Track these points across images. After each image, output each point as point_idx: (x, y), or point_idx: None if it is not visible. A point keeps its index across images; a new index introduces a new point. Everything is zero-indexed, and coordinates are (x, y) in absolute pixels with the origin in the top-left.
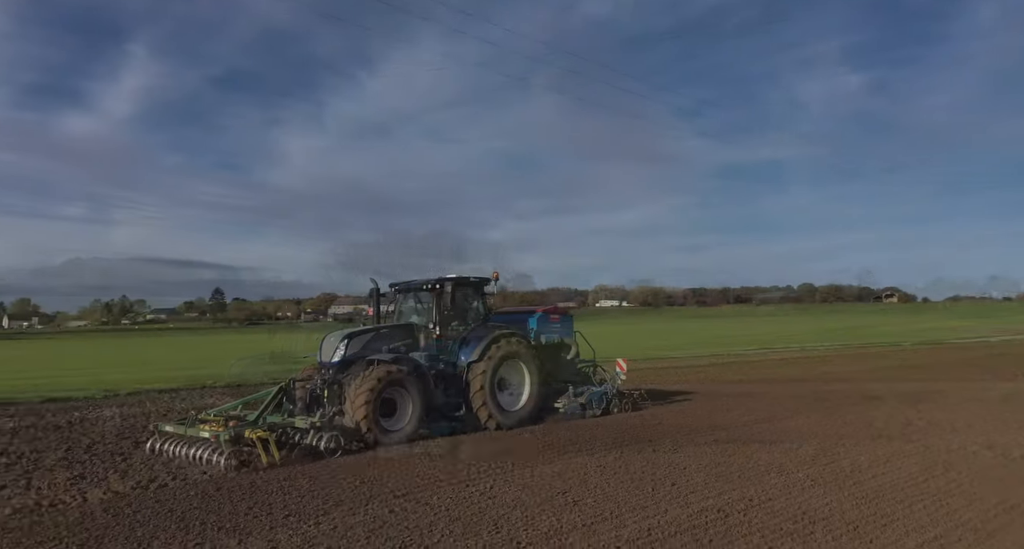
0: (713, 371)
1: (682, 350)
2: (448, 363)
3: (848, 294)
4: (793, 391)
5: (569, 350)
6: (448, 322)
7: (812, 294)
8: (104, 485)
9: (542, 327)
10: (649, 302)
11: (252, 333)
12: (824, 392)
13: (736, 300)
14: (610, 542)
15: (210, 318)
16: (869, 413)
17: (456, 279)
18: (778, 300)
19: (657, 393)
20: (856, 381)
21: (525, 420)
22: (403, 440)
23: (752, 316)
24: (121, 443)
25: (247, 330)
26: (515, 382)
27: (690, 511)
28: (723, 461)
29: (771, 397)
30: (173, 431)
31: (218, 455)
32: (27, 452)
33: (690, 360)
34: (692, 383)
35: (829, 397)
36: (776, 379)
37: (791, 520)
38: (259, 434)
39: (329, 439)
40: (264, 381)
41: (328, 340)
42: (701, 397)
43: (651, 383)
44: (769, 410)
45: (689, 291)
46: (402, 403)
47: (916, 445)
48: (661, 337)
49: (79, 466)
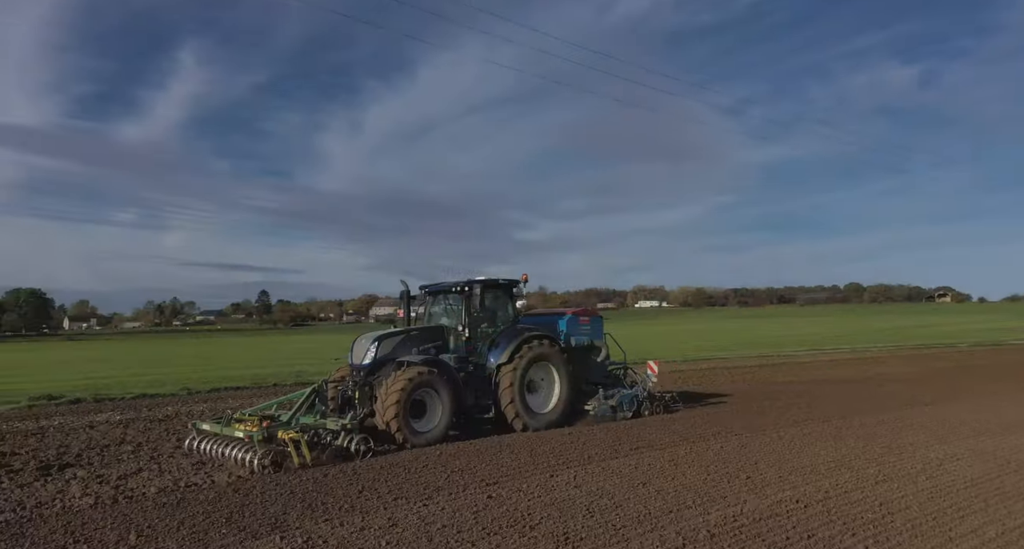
0: (764, 372)
1: (728, 351)
2: (477, 365)
3: (898, 294)
4: (849, 392)
5: (599, 352)
6: (477, 324)
7: (859, 294)
8: (225, 470)
9: (572, 329)
10: (690, 302)
11: (298, 334)
12: (881, 393)
13: (780, 300)
14: (699, 526)
15: (256, 320)
16: (931, 413)
17: (485, 281)
18: (824, 300)
19: (711, 393)
20: (913, 382)
21: (554, 422)
22: (433, 442)
23: (797, 316)
24: None
25: (292, 331)
26: (544, 384)
27: (769, 502)
28: (791, 457)
29: (827, 397)
30: (209, 430)
31: (251, 455)
32: (144, 441)
33: (737, 361)
34: (745, 383)
35: (887, 398)
36: (829, 380)
37: (870, 510)
38: (291, 435)
39: (360, 441)
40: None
41: (359, 342)
42: (756, 396)
43: (701, 384)
44: (827, 409)
45: (731, 291)
46: (432, 405)
47: (985, 444)
48: (705, 337)
49: (195, 454)
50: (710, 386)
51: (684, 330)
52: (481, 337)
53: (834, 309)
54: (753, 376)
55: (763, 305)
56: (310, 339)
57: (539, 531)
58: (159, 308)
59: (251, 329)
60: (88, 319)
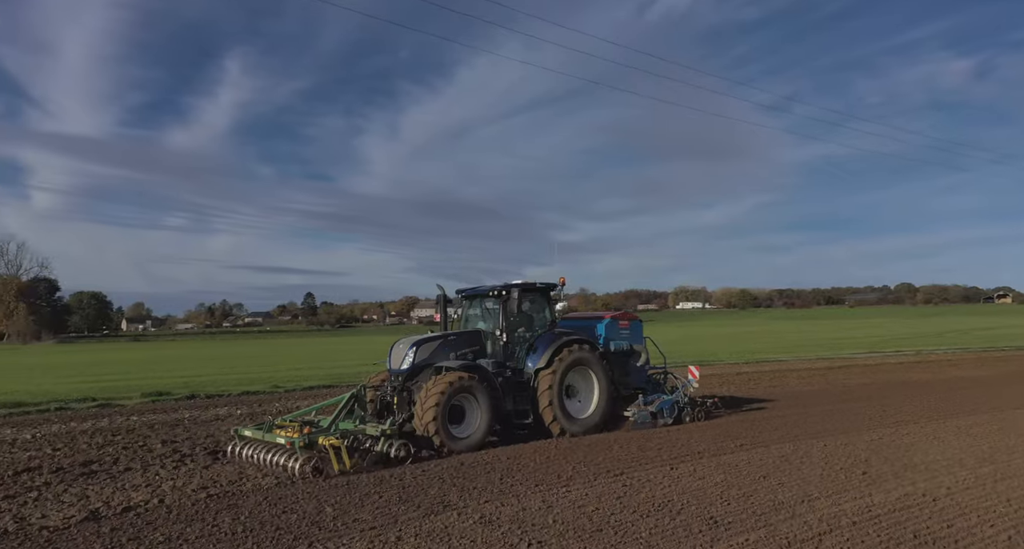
0: (834, 374)
1: (788, 353)
2: (515, 370)
3: (953, 294)
4: (930, 393)
5: (639, 357)
6: (515, 328)
7: (912, 294)
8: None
9: (611, 333)
10: (734, 304)
11: (346, 335)
12: (965, 396)
13: (828, 301)
14: (837, 514)
15: (302, 321)
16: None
17: (522, 285)
18: (874, 301)
19: (789, 395)
20: (991, 385)
21: (593, 428)
22: (472, 447)
23: (849, 317)
24: None
25: (340, 332)
26: (583, 389)
27: (895, 495)
28: (900, 456)
29: (912, 399)
30: (251, 436)
31: (293, 461)
32: None
33: (800, 363)
34: (819, 385)
35: (972, 400)
36: (907, 382)
37: (999, 505)
38: (332, 441)
39: (399, 447)
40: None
41: (396, 347)
42: (836, 398)
43: (775, 386)
44: (916, 411)
45: (775, 292)
46: (470, 410)
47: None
48: (760, 339)
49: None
50: (784, 388)
51: (736, 332)
52: (519, 341)
53: (886, 310)
54: (824, 378)
55: (811, 306)
56: (362, 340)
57: (686, 514)
58: (210, 310)
59: (300, 330)
60: (143, 321)
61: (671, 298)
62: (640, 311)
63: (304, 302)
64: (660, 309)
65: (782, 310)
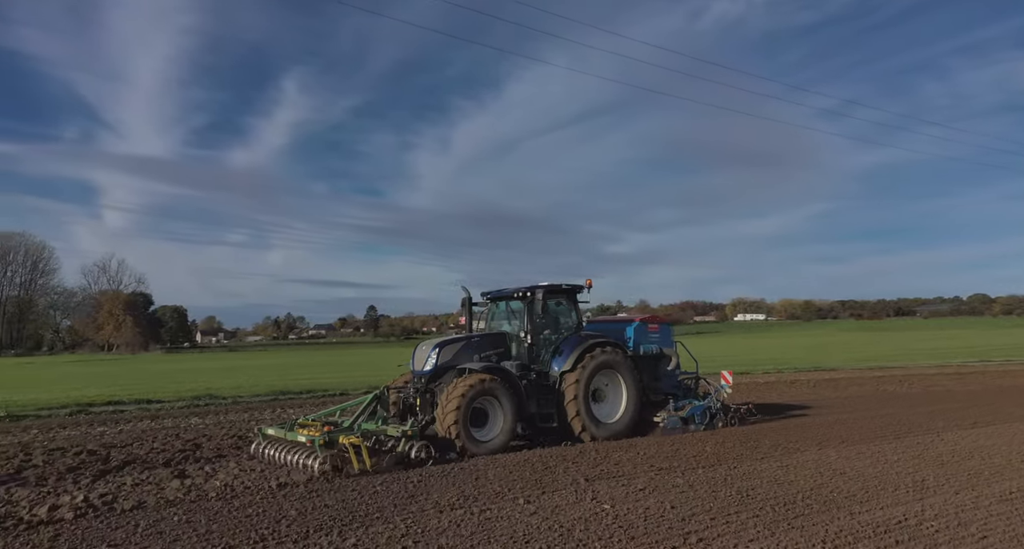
0: (944, 380)
1: (891, 360)
2: (540, 373)
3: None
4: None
5: (669, 361)
6: (540, 331)
7: (988, 305)
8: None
9: (640, 337)
10: (798, 315)
11: (413, 345)
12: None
13: (897, 313)
14: (1003, 491)
15: (364, 333)
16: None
17: (547, 287)
18: (947, 312)
19: (908, 396)
20: None
21: (622, 433)
22: (495, 450)
23: (927, 329)
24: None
25: (408, 343)
26: (611, 393)
27: None
28: None
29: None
30: (274, 434)
31: (312, 459)
32: None
33: (904, 370)
34: (954, 386)
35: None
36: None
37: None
38: (352, 440)
39: (420, 448)
40: None
41: (420, 349)
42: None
43: (928, 388)
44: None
45: (838, 303)
46: (493, 413)
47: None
48: (853, 350)
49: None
50: (909, 390)
51: (816, 343)
52: (544, 344)
53: (963, 322)
54: (961, 382)
55: (880, 318)
56: None
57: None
58: (276, 323)
59: (368, 342)
60: (216, 333)
61: (728, 310)
62: (697, 323)
63: (367, 315)
64: (718, 320)
65: (851, 322)
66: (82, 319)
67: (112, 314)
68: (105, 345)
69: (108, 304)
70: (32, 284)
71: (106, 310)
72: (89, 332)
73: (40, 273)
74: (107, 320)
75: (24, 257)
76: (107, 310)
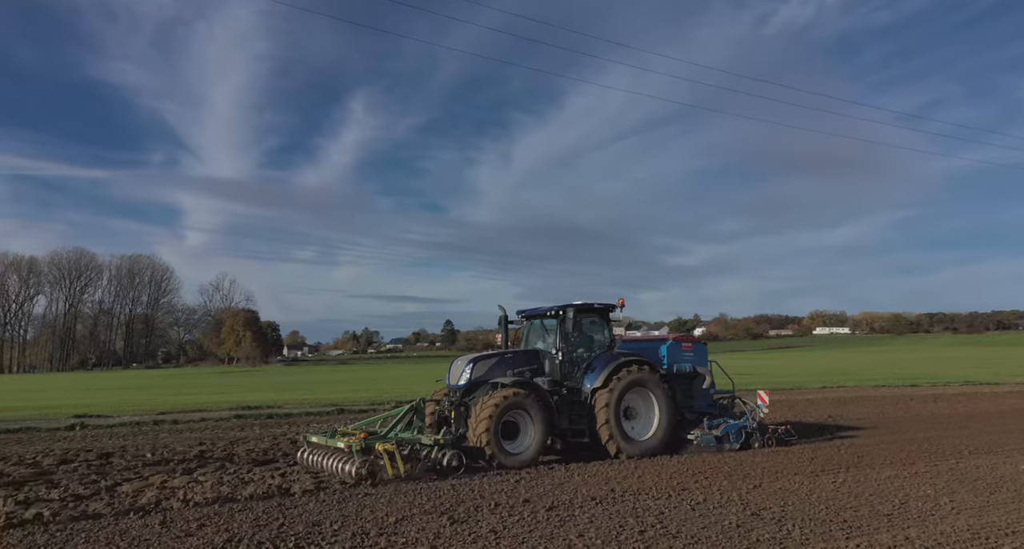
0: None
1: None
2: (572, 389)
3: None
4: None
5: (703, 380)
6: (572, 348)
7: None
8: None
9: (674, 356)
10: (887, 329)
11: None
12: None
13: (998, 326)
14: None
15: (441, 347)
16: None
17: (579, 305)
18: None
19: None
20: None
21: (653, 450)
22: (525, 463)
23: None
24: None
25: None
26: (643, 411)
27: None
28: None
29: None
30: (317, 442)
31: (349, 464)
32: None
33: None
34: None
35: None
36: None
37: None
38: (386, 447)
39: (451, 457)
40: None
41: (455, 364)
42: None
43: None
44: None
45: (924, 316)
46: (524, 426)
47: None
48: (990, 364)
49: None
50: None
51: (936, 357)
52: (577, 361)
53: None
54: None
55: (981, 332)
56: None
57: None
58: (355, 337)
59: (449, 355)
60: (300, 347)
61: (805, 323)
62: (773, 337)
63: (444, 328)
64: (796, 334)
65: (949, 336)
66: (207, 334)
67: (233, 330)
68: (226, 358)
69: (229, 320)
70: (156, 303)
71: (228, 326)
72: (212, 346)
73: (163, 292)
74: (228, 335)
75: (150, 278)
76: (228, 326)
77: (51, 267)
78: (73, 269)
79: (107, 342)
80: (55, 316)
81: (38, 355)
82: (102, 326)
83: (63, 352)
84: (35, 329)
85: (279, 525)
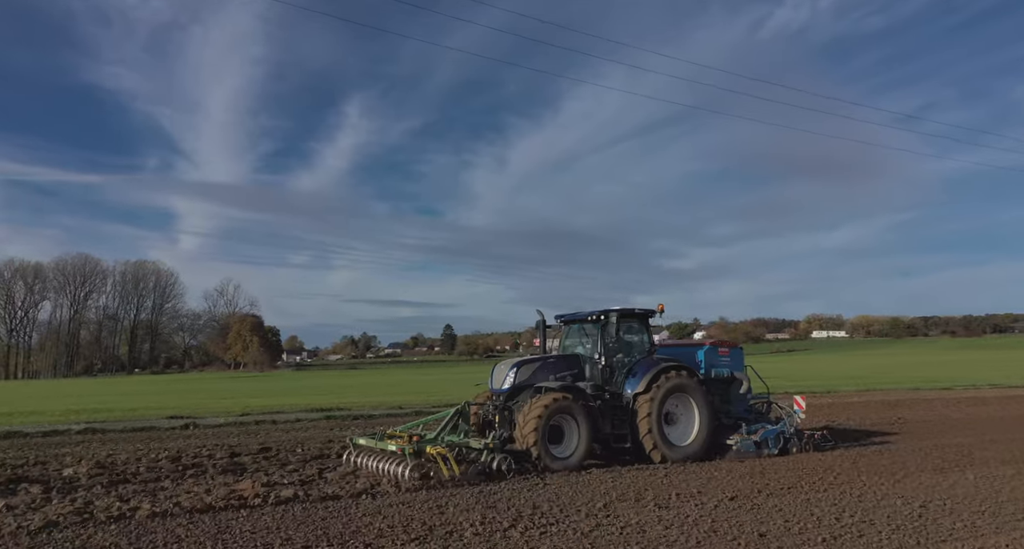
0: None
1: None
2: (614, 394)
3: None
4: None
5: (740, 385)
6: (613, 353)
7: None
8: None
9: (711, 361)
10: (885, 332)
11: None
12: None
13: (995, 330)
14: None
15: (440, 351)
16: None
17: (620, 311)
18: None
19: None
20: None
21: (693, 455)
22: (571, 467)
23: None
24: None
25: (491, 361)
26: (683, 416)
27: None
28: None
29: None
30: (365, 444)
31: (403, 467)
32: None
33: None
34: None
35: None
36: None
37: None
38: (440, 450)
39: (503, 461)
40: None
41: (498, 368)
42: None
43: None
44: None
45: (919, 319)
46: (569, 431)
47: None
48: (994, 368)
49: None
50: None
51: (943, 360)
52: (617, 366)
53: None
54: None
55: (978, 335)
56: None
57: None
58: (353, 342)
59: (452, 360)
60: (299, 352)
61: (802, 327)
62: (772, 340)
63: (444, 333)
64: (794, 338)
65: (947, 339)
66: (212, 339)
67: (240, 335)
68: (232, 363)
69: (236, 325)
70: (160, 308)
71: (234, 331)
72: (218, 351)
73: (167, 298)
74: (235, 340)
75: (155, 284)
76: (235, 331)
77: (56, 273)
78: (78, 275)
79: (111, 348)
80: (59, 322)
81: (43, 361)
82: (106, 331)
83: (68, 358)
84: (40, 335)
85: (498, 501)
